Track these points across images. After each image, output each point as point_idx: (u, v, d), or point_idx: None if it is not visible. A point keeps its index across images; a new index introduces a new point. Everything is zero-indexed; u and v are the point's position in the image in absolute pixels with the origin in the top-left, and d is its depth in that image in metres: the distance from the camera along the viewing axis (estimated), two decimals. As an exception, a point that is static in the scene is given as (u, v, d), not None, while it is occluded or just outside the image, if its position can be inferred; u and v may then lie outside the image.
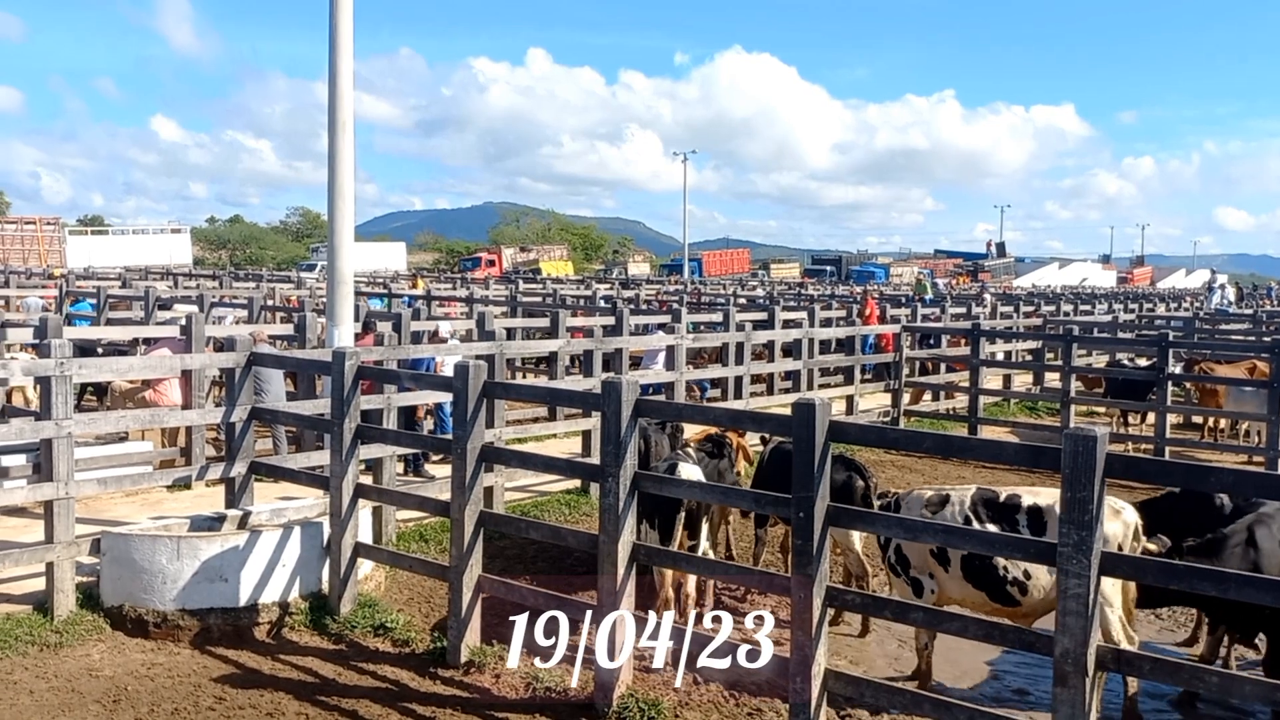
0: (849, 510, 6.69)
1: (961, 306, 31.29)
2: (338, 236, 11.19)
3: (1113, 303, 37.91)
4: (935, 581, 7.03)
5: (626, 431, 6.70)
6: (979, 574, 6.78)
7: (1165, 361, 15.86)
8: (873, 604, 6.52)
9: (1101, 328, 25.07)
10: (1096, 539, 5.08)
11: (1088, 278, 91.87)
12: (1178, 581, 5.32)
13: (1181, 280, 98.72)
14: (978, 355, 17.79)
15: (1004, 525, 6.76)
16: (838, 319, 22.50)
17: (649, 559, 7.57)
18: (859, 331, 19.18)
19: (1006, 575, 6.68)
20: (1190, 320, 28.93)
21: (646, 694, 6.77)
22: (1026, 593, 6.68)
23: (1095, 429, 5.16)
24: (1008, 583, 6.71)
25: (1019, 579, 6.66)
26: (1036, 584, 6.61)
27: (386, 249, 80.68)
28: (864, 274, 77.80)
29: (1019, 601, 6.71)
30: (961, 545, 6.35)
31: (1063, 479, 5.17)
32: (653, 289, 42.53)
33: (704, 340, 16.60)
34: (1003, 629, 5.70)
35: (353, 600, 8.22)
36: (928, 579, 7.07)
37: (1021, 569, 6.59)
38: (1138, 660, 5.42)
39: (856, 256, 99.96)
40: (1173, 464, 6.24)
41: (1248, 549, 6.61)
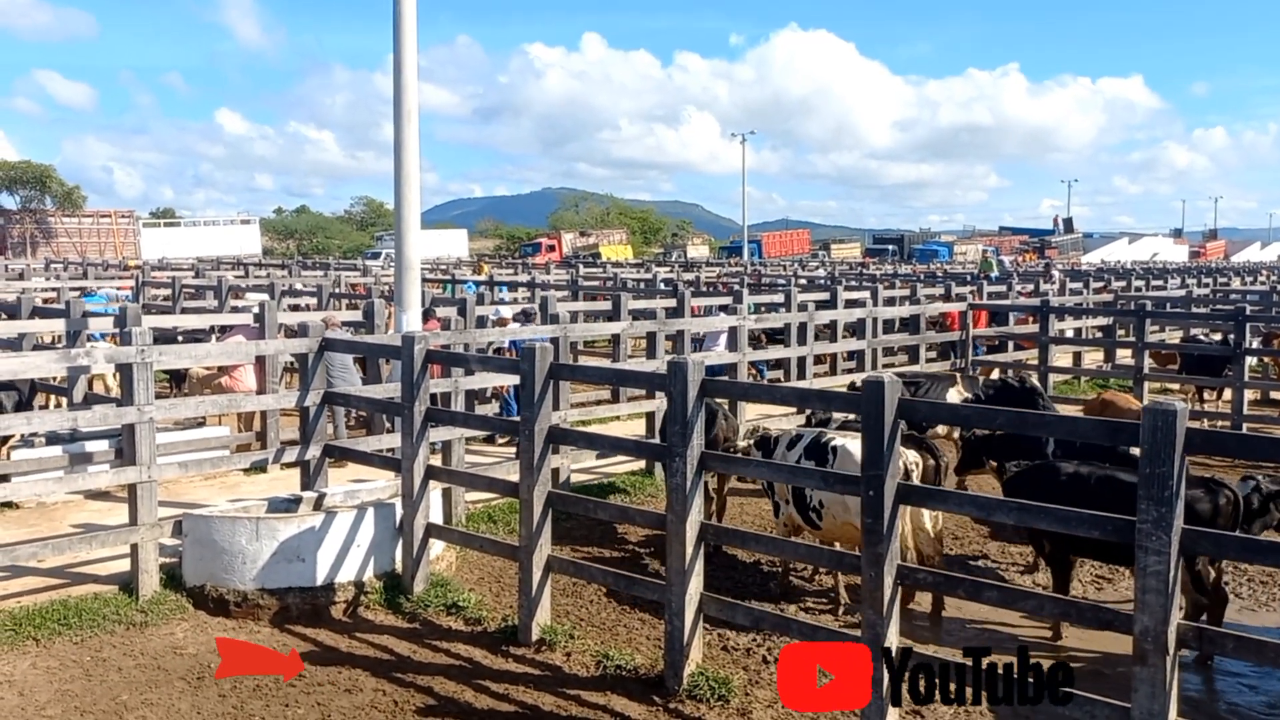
0: (921, 488, 6.64)
1: (1029, 283, 30.73)
2: (404, 224, 11.34)
3: (1185, 277, 36.97)
4: (790, 507, 8.50)
5: (693, 411, 6.72)
6: (799, 499, 8.34)
7: (1242, 336, 15.45)
8: (945, 582, 6.47)
9: (1174, 302, 24.46)
10: (1177, 515, 4.98)
11: (1158, 253, 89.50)
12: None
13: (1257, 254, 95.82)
14: (1046, 332, 17.48)
15: (817, 461, 8.20)
16: (901, 298, 22.24)
17: (716, 538, 7.60)
18: (924, 310, 18.94)
19: (810, 502, 8.25)
20: (1267, 294, 28.06)
21: (717, 672, 6.80)
22: (823, 517, 8.17)
23: (1175, 404, 5.06)
24: (809, 508, 8.26)
25: (817, 506, 8.20)
26: (829, 511, 8.08)
27: (448, 236, 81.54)
28: (927, 253, 76.72)
29: (819, 525, 8.24)
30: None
31: (1141, 454, 5.07)
32: (712, 271, 42.43)
33: (766, 321, 16.53)
34: (1080, 608, 5.62)
35: (425, 580, 8.37)
36: (784, 504, 8.58)
37: (818, 498, 8.10)
38: (1221, 638, 5.31)
39: (919, 235, 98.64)
40: (1255, 438, 6.09)
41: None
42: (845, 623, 7.84)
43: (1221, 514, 7.16)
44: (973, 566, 9.48)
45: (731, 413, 10.66)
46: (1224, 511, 7.19)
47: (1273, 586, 8.94)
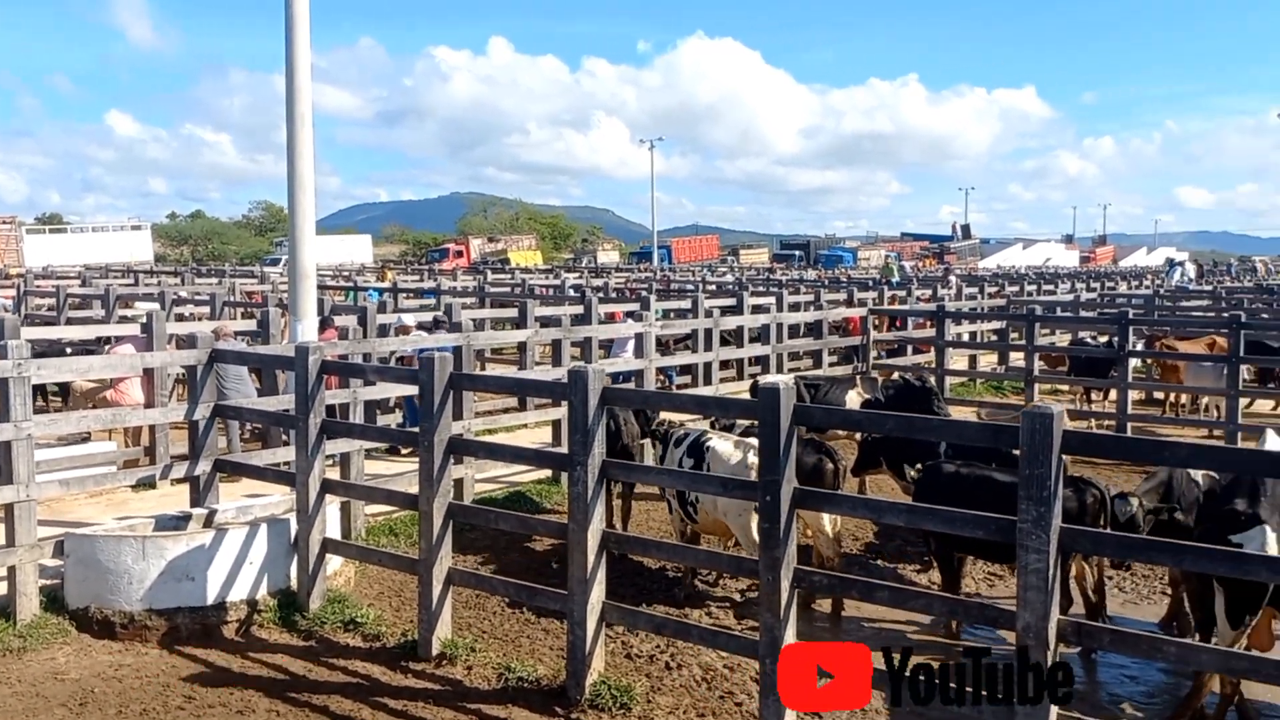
0: (817, 492, 6.74)
1: (928, 288, 31.54)
2: (299, 231, 11.11)
3: (1075, 282, 38.36)
4: (675, 501, 8.89)
5: (594, 420, 6.71)
6: (681, 495, 8.72)
7: (1126, 339, 16.08)
8: (840, 585, 6.58)
9: (1064, 307, 25.36)
10: (1056, 515, 5.15)
11: (1051, 258, 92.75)
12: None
13: (1143, 258, 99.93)
14: (943, 336, 17.95)
15: (696, 460, 8.67)
16: (805, 303, 22.62)
17: (619, 546, 7.61)
18: (826, 315, 19.29)
19: (689, 497, 8.67)
20: (1150, 298, 29.30)
21: (619, 680, 6.80)
22: (698, 512, 8.61)
23: (1052, 407, 5.23)
24: (688, 503, 8.71)
25: (693, 502, 8.65)
26: (703, 507, 8.54)
27: (351, 242, 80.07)
28: (832, 258, 78.11)
29: (696, 519, 8.74)
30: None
31: (1021, 455, 5.23)
32: (622, 277, 42.54)
33: (673, 327, 16.64)
34: (967, 607, 5.77)
35: (322, 596, 8.19)
36: (672, 499, 8.92)
37: (694, 494, 8.52)
38: (1098, 633, 5.51)
39: (824, 240, 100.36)
40: (1129, 439, 6.34)
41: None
42: (746, 626, 7.92)
43: (1089, 511, 7.44)
44: (874, 564, 9.67)
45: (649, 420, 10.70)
46: (1091, 509, 7.47)
47: (1154, 580, 9.31)
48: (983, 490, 7.74)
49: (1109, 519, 7.37)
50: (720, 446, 8.67)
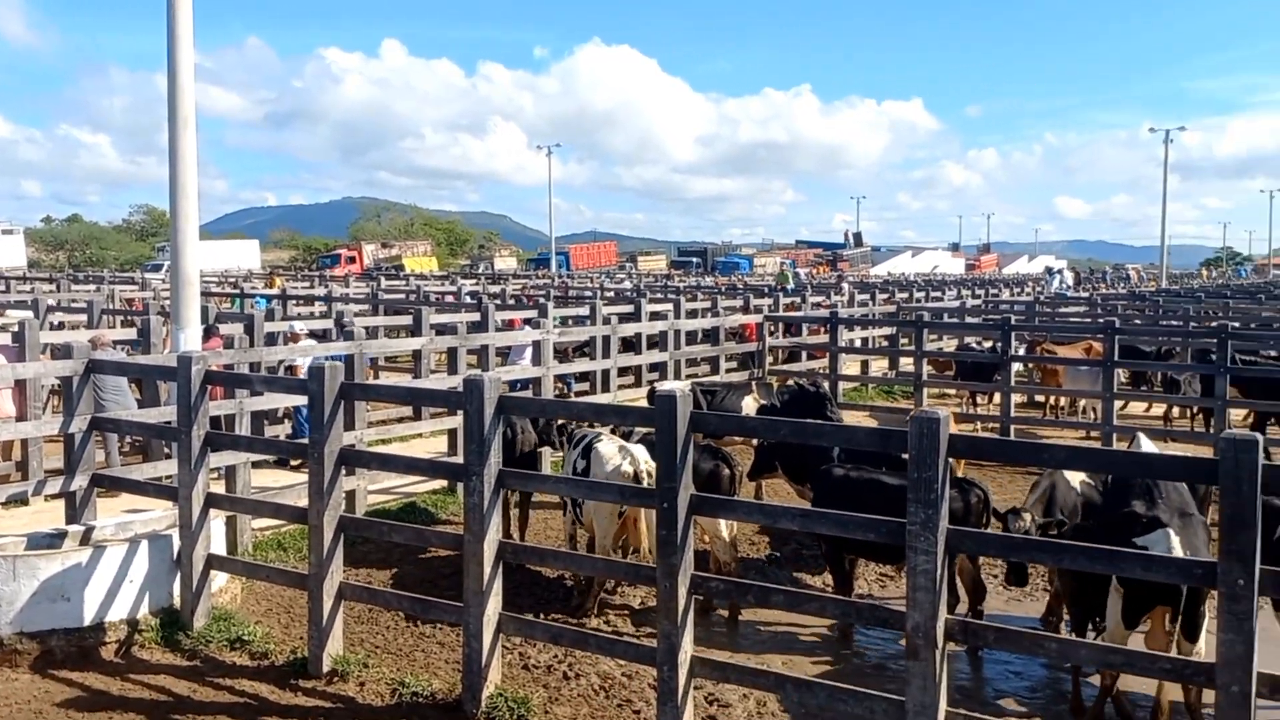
0: (713, 499, 6.80)
1: (822, 295, 32.18)
2: (181, 236, 10.73)
3: (961, 289, 39.60)
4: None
5: (490, 429, 6.64)
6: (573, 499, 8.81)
7: (1008, 344, 16.66)
8: (736, 590, 6.64)
9: (951, 313, 26.15)
10: (943, 517, 5.29)
11: (939, 265, 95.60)
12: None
13: (1025, 266, 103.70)
14: (836, 342, 18.33)
15: (587, 460, 8.67)
16: (703, 310, 22.84)
17: (516, 556, 7.55)
18: (723, 322, 19.50)
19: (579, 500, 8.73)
20: (1031, 304, 30.41)
21: (516, 692, 6.73)
22: (582, 511, 8.73)
23: (939, 411, 5.37)
24: (575, 503, 8.82)
25: (580, 502, 8.72)
26: (585, 507, 8.66)
27: (239, 247, 77.87)
28: (729, 265, 79.09)
29: (580, 519, 8.85)
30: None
31: (910, 459, 5.36)
32: (520, 283, 42.30)
33: (571, 334, 16.60)
34: (859, 608, 5.88)
35: (207, 614, 7.91)
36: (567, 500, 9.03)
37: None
38: (984, 631, 5.68)
39: (722, 248, 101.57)
40: (1011, 442, 6.56)
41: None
42: (645, 633, 7.94)
43: (973, 512, 7.68)
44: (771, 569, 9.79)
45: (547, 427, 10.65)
46: (975, 510, 7.71)
47: (1036, 577, 9.63)
48: (873, 493, 7.92)
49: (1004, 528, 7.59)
50: (604, 449, 8.71)
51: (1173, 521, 6.34)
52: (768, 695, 6.71)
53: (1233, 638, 4.66)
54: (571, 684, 7.10)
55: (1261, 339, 17.75)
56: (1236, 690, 4.65)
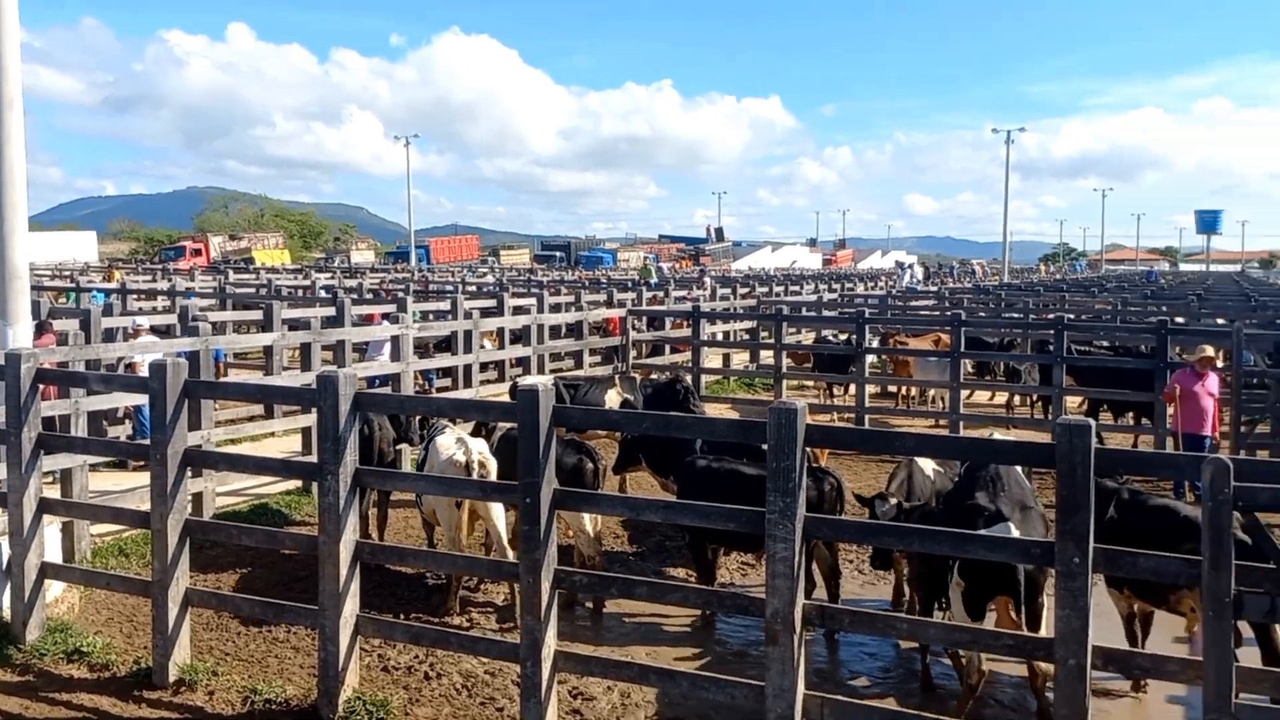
0: (576, 493, 6.78)
1: (684, 289, 32.55)
2: (8, 226, 10.03)
3: (818, 283, 40.69)
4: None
5: (346, 426, 6.44)
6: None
7: (862, 336, 17.20)
8: (600, 584, 6.64)
9: (808, 307, 26.84)
10: (800, 504, 5.41)
11: (797, 260, 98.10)
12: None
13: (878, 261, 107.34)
14: (698, 336, 18.56)
15: (425, 450, 8.69)
16: (566, 304, 22.79)
17: (374, 556, 7.37)
18: (587, 316, 19.50)
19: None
20: (884, 298, 31.53)
21: (375, 694, 6.57)
22: (423, 502, 8.76)
23: (796, 402, 5.48)
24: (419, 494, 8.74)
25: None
26: (425, 503, 8.69)
27: (74, 238, 73.70)
28: (593, 259, 79.19)
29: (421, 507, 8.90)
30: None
31: (769, 449, 5.45)
32: (378, 277, 41.35)
33: (431, 329, 16.31)
34: (720, 597, 5.96)
35: (41, 625, 7.45)
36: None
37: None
38: (840, 614, 5.84)
39: (585, 242, 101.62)
40: (866, 431, 6.76)
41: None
42: (507, 629, 7.86)
43: (827, 500, 7.90)
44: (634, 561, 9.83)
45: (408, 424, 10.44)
46: (829, 497, 7.94)
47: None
48: (735, 484, 8.04)
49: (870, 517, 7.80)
50: (440, 441, 8.68)
51: (1013, 515, 6.64)
52: (632, 686, 6.74)
53: (1069, 613, 4.91)
54: (433, 684, 6.97)
55: (1094, 330, 18.84)
56: (1073, 663, 4.90)
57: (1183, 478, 9.75)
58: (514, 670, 6.51)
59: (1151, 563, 5.04)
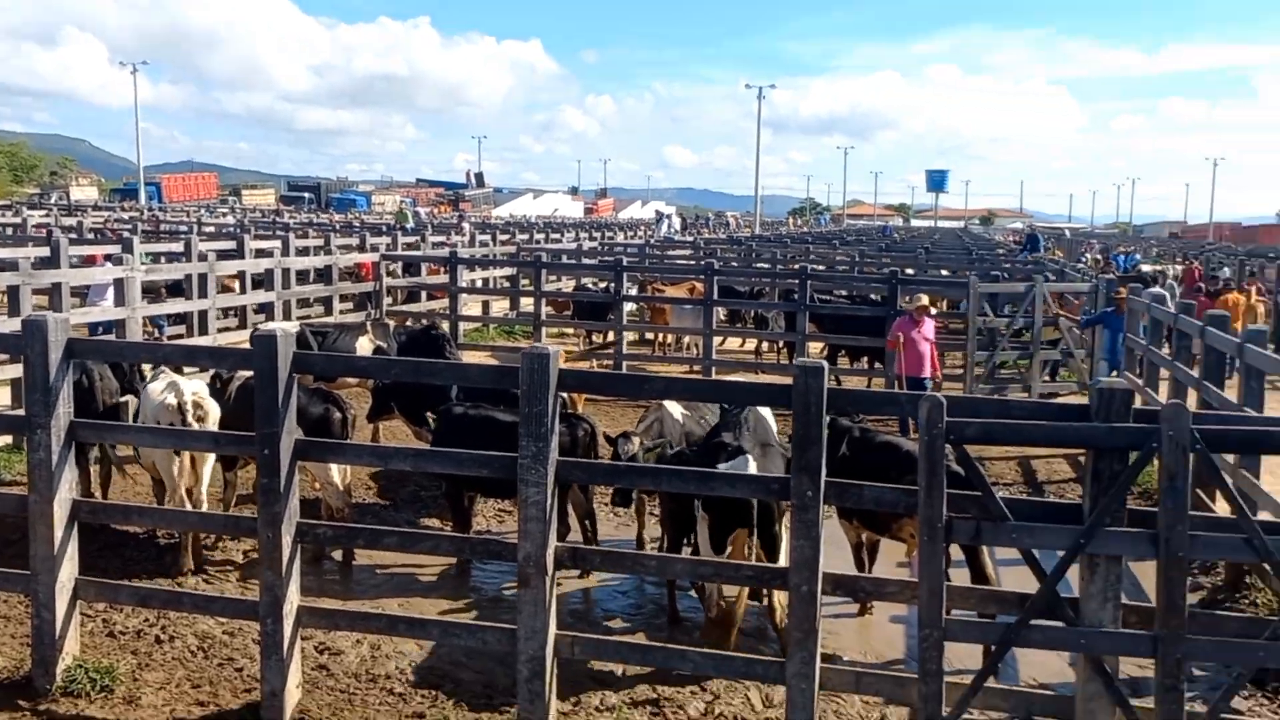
0: (320, 443, 6.50)
1: (442, 235, 31.88)
2: None
3: (579, 231, 40.96)
4: None
5: (57, 376, 5.87)
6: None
7: (621, 284, 17.46)
8: (346, 535, 6.43)
9: (569, 255, 26.95)
10: (553, 449, 5.42)
11: (559, 208, 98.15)
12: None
13: (638, 211, 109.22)
14: (456, 283, 18.23)
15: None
16: (315, 248, 21.78)
17: (95, 516, 6.81)
18: (337, 261, 18.72)
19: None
20: (643, 247, 32.15)
21: (99, 661, 6.10)
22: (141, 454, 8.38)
23: (549, 348, 5.46)
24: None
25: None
26: (143, 455, 8.30)
27: None
28: (345, 202, 76.17)
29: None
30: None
31: (521, 395, 5.42)
32: (101, 216, 38.00)
33: (161, 272, 15.15)
34: (472, 544, 5.91)
35: None
36: None
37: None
38: (591, 555, 5.93)
39: (337, 184, 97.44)
40: (614, 376, 6.85)
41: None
42: (248, 587, 7.50)
43: (580, 444, 8.01)
44: (389, 512, 9.60)
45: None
46: (583, 442, 8.05)
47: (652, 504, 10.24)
48: (490, 430, 7.98)
49: (614, 455, 7.93)
50: (152, 386, 8.20)
51: (754, 450, 6.95)
52: (383, 638, 6.60)
53: (803, 543, 5.19)
54: (165, 647, 6.55)
55: (835, 281, 19.97)
56: (806, 589, 5.19)
57: (904, 415, 10.52)
58: (254, 629, 6.21)
59: (875, 493, 5.39)
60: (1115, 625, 4.82)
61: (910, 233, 63.50)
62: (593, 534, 8.46)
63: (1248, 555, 4.78)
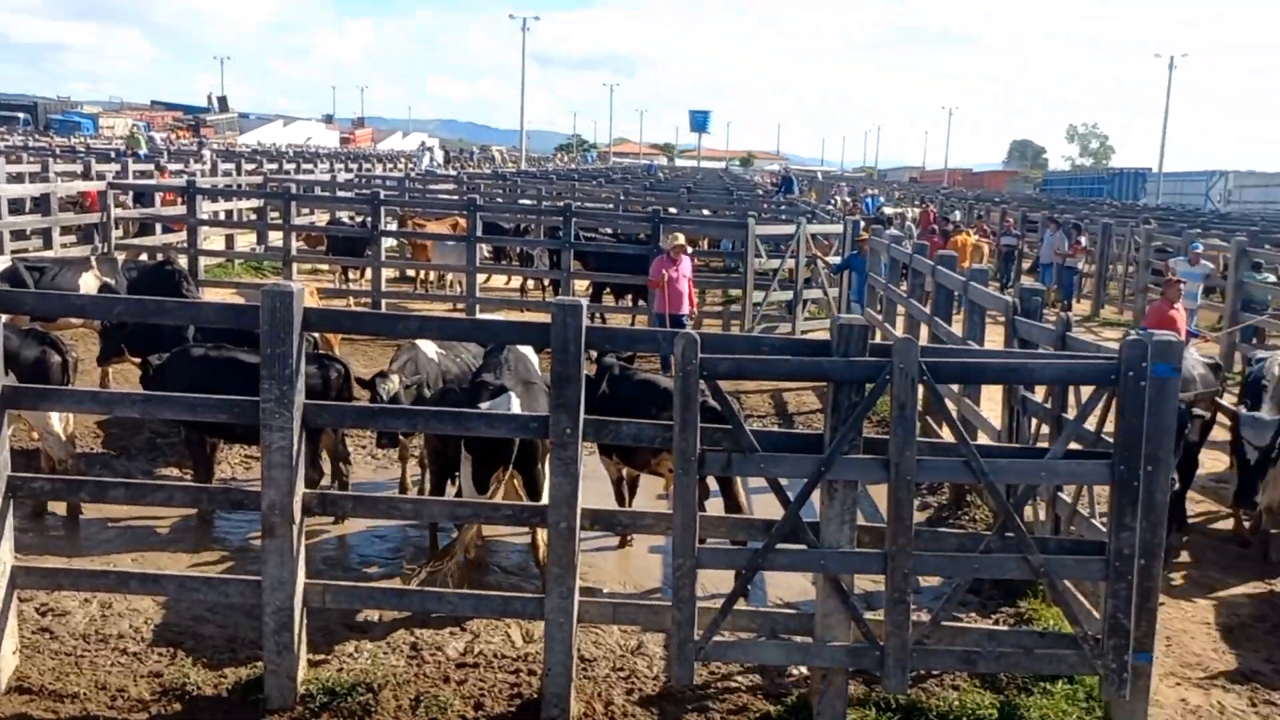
0: (32, 389, 5.89)
1: (180, 163, 29.64)
2: None
3: (334, 162, 39.13)
4: None
5: None
6: None
7: (378, 219, 16.81)
8: (67, 488, 5.88)
9: (322, 186, 25.70)
10: (298, 392, 5.13)
11: (312, 137, 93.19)
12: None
13: (399, 142, 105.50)
14: (195, 214, 16.99)
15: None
16: (32, 174, 19.68)
17: None
18: (57, 189, 17.00)
19: None
20: (403, 180, 31.08)
21: None
22: None
23: (292, 285, 5.15)
24: None
25: None
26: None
27: None
28: (67, 124, 69.23)
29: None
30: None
31: (262, 335, 5.09)
32: None
33: None
34: (211, 493, 5.56)
35: None
36: None
37: None
38: (342, 501, 5.70)
39: (57, 104, 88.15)
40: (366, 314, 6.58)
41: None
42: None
43: (333, 386, 7.69)
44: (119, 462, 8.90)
45: None
46: (335, 384, 7.73)
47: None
48: (233, 373, 7.51)
49: (373, 397, 7.63)
50: None
51: (515, 388, 6.89)
52: (114, 596, 6.13)
53: (561, 480, 5.19)
54: None
55: (600, 218, 20.05)
56: (564, 525, 5.21)
57: (661, 351, 10.75)
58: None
59: (633, 429, 5.46)
60: (851, 546, 5.13)
61: (674, 172, 64.75)
62: (347, 478, 8.17)
63: (967, 476, 5.19)
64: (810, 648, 5.22)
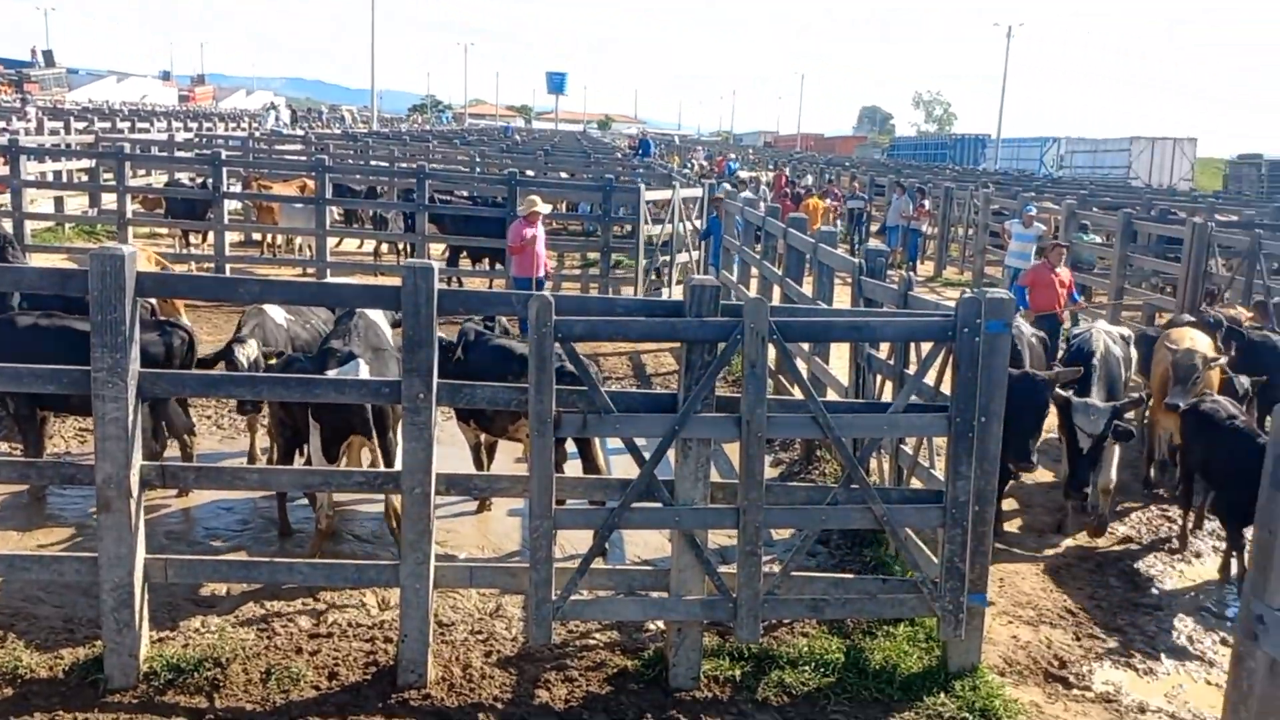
0: None
1: (2, 120, 27.67)
2: None
3: (173, 121, 37.19)
4: None
5: None
6: None
7: (221, 180, 16.09)
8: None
9: (160, 146, 24.42)
10: (133, 360, 4.91)
11: (148, 94, 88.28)
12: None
13: (243, 100, 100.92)
14: (19, 176, 15.94)
15: None
16: None
17: None
18: None
19: None
20: (247, 140, 29.80)
21: None
22: None
23: (123, 249, 4.90)
24: None
25: None
26: None
27: None
28: None
29: None
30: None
31: (92, 301, 4.84)
32: None
33: None
34: (41, 468, 5.28)
35: None
36: None
37: None
38: (184, 472, 5.49)
39: None
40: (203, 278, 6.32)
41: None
42: None
43: (176, 354, 7.38)
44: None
45: None
46: (179, 351, 7.41)
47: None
48: (64, 342, 7.11)
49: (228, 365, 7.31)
50: None
51: (365, 354, 6.74)
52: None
53: (415, 445, 5.13)
54: None
55: (455, 181, 19.69)
56: (419, 491, 5.16)
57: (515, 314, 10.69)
58: None
59: (488, 393, 5.43)
60: (705, 502, 5.25)
61: (532, 134, 64.03)
62: (191, 450, 7.87)
63: (815, 431, 5.36)
64: (666, 602, 5.33)
